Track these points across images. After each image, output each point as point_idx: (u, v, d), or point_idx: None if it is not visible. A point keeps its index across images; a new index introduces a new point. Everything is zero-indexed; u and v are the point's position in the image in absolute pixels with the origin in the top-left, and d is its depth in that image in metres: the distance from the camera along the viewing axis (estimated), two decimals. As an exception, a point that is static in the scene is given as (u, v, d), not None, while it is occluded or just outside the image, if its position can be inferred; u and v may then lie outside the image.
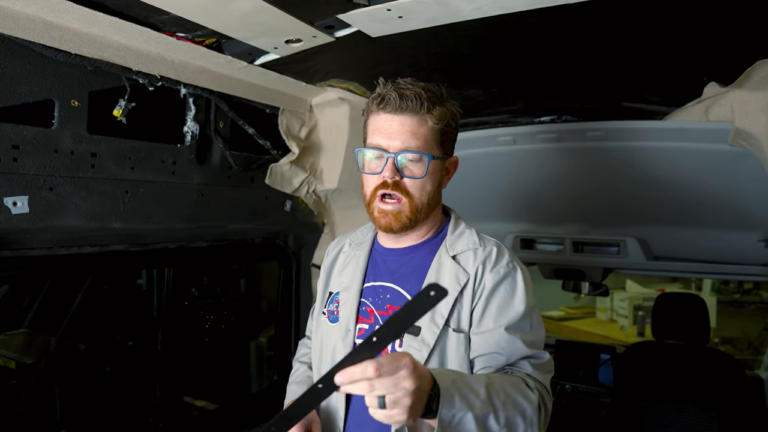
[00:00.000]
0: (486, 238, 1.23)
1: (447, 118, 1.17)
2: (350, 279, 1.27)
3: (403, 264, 1.23)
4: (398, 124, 1.13)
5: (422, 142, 1.13)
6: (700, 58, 1.47)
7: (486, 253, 1.18)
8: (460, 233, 1.23)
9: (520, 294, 1.14)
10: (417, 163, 1.14)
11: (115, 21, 1.27)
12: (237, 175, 1.80)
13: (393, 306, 1.20)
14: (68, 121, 1.31)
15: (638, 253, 2.21)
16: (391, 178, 1.13)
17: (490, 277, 1.14)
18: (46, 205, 1.29)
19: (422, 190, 1.15)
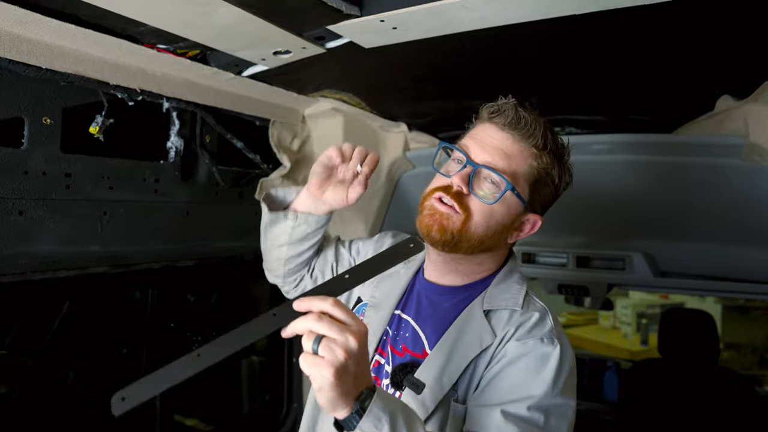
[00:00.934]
0: (533, 300, 1.04)
1: (552, 173, 1.02)
2: (384, 298, 1.14)
3: (434, 305, 1.09)
4: (498, 139, 1.00)
5: (510, 169, 0.98)
6: (713, 70, 1.39)
7: (523, 319, 0.98)
8: (506, 287, 1.05)
9: (547, 377, 0.89)
10: (492, 185, 0.99)
11: (89, 33, 1.18)
12: (224, 191, 1.72)
13: (407, 348, 1.07)
14: (39, 140, 1.23)
15: (644, 268, 2.12)
16: (458, 185, 0.98)
17: (515, 345, 0.94)
18: (16, 231, 1.21)
19: (483, 218, 0.98)
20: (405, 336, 1.09)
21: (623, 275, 2.17)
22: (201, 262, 1.75)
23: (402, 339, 1.09)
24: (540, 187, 1.03)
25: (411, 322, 1.10)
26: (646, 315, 5.18)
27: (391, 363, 1.08)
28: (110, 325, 1.70)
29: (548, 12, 1.14)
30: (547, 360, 0.92)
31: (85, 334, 1.65)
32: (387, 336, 1.11)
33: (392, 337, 1.11)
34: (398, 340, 1.09)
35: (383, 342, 1.11)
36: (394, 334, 1.11)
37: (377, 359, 1.11)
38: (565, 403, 0.90)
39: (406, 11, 1.17)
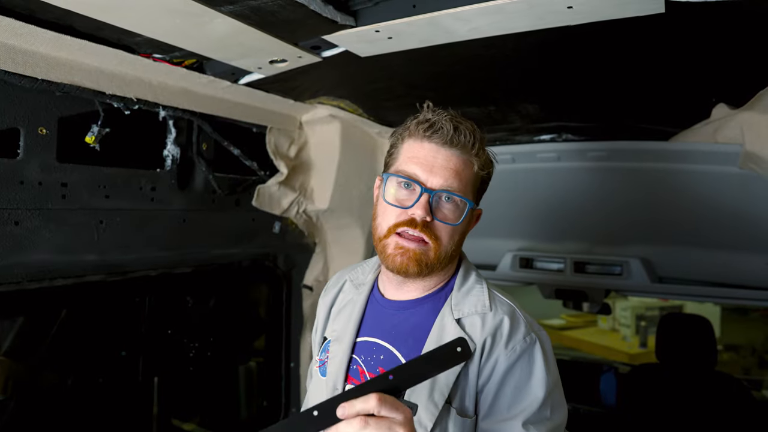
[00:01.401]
0: (498, 298, 1.05)
1: (488, 168, 1.04)
2: (343, 329, 1.12)
3: (400, 321, 1.07)
4: (444, 158, 0.97)
5: (464, 186, 0.98)
6: (709, 78, 1.39)
7: (496, 323, 0.99)
8: (468, 289, 1.05)
9: (539, 374, 0.96)
10: (455, 207, 0.98)
11: (85, 44, 1.19)
12: (221, 198, 1.72)
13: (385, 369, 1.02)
14: (35, 150, 1.23)
15: (642, 274, 2.12)
16: (422, 217, 0.95)
17: (504, 356, 0.95)
18: (12, 241, 1.21)
19: (451, 238, 0.99)
20: (380, 359, 1.06)
21: (621, 281, 2.17)
22: (198, 268, 1.75)
23: (377, 362, 1.06)
24: (482, 185, 1.06)
25: (382, 343, 1.07)
26: (645, 317, 5.16)
27: None
28: (107, 333, 1.70)
29: (539, 23, 1.14)
30: (534, 358, 0.97)
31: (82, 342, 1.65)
32: (357, 365, 1.08)
33: (365, 363, 1.07)
34: (373, 364, 1.06)
35: (354, 371, 1.08)
36: (367, 359, 1.07)
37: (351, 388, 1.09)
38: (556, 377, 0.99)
39: (400, 22, 1.17)
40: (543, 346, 0.99)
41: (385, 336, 1.07)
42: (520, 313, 1.02)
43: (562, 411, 0.98)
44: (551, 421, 0.95)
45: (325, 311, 1.22)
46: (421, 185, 0.96)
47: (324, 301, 1.24)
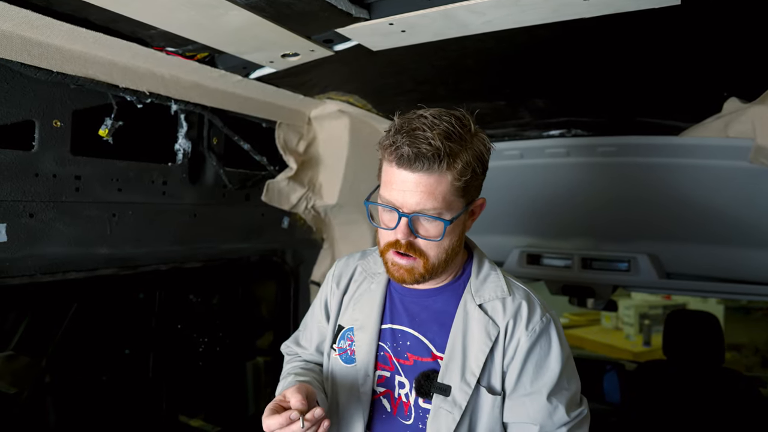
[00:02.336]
0: (514, 284, 1.13)
1: (473, 166, 1.00)
2: (366, 317, 1.16)
3: (424, 308, 1.13)
4: (413, 183, 0.97)
5: (440, 202, 0.98)
6: (720, 72, 1.39)
7: (516, 306, 1.07)
8: (485, 277, 1.12)
9: (555, 350, 1.06)
10: (433, 224, 1.01)
11: (100, 36, 1.19)
12: (231, 193, 1.72)
13: (414, 355, 1.10)
14: (50, 142, 1.23)
15: (650, 270, 2.12)
16: (404, 238, 1.00)
17: (526, 336, 1.04)
18: (26, 233, 1.21)
19: (439, 249, 1.03)
20: (407, 345, 1.12)
21: (628, 277, 2.17)
22: (207, 263, 1.75)
23: (404, 348, 1.12)
24: (470, 185, 1.02)
25: (407, 330, 1.13)
26: (649, 316, 5.16)
27: (402, 373, 1.11)
28: (118, 326, 1.70)
29: (553, 16, 1.14)
30: (550, 337, 1.07)
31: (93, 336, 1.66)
32: (384, 351, 1.13)
33: (392, 349, 1.13)
34: (400, 350, 1.12)
35: (382, 357, 1.13)
36: (394, 346, 1.13)
37: (382, 374, 1.13)
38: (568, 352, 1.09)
39: (414, 15, 1.17)
40: (556, 324, 1.09)
41: (409, 323, 1.12)
42: (534, 297, 1.11)
43: (575, 380, 1.09)
44: (569, 390, 1.06)
45: (338, 301, 1.23)
46: (398, 210, 0.99)
47: (335, 291, 1.25)
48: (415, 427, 1.08)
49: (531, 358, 1.05)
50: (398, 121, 1.03)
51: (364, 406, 1.11)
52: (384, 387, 1.12)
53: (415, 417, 1.08)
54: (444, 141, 0.95)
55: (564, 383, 1.06)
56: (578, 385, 1.10)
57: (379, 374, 1.13)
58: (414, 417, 1.08)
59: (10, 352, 1.75)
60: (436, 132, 0.95)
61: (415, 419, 1.08)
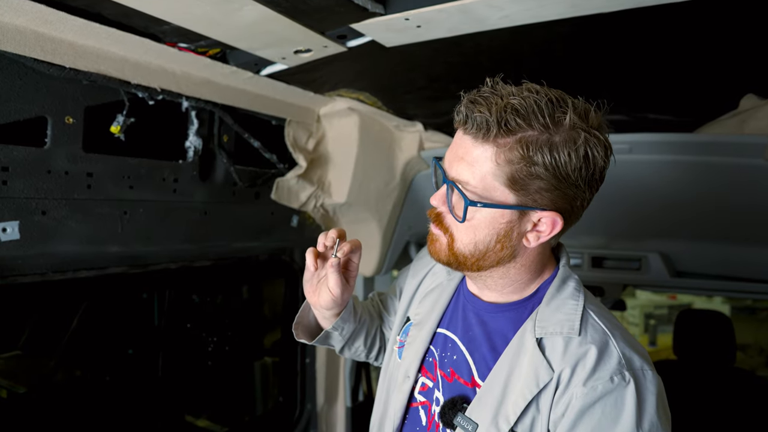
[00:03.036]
0: (592, 321, 0.88)
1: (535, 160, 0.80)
2: (426, 315, 1.07)
3: (480, 322, 0.99)
4: (462, 147, 0.86)
5: (477, 180, 0.83)
6: (737, 68, 1.37)
7: (581, 352, 0.84)
8: (559, 305, 0.91)
9: (626, 423, 0.79)
10: (460, 201, 0.86)
11: (113, 32, 1.18)
12: (242, 191, 1.71)
13: (456, 373, 0.98)
14: (62, 139, 1.22)
15: (661, 269, 2.11)
16: (437, 205, 0.91)
17: (582, 393, 0.82)
18: (39, 230, 1.20)
19: (468, 237, 0.88)
20: (453, 359, 1.00)
21: (639, 275, 2.15)
22: (218, 262, 1.74)
23: (450, 362, 1.00)
24: (525, 181, 0.83)
25: (458, 342, 1.01)
26: (654, 316, 5.15)
27: (441, 389, 1.00)
28: (128, 325, 1.69)
29: (572, 10, 1.13)
30: (623, 402, 0.81)
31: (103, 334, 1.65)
32: (433, 357, 1.03)
33: (439, 358, 1.02)
34: (446, 362, 1.01)
35: (429, 363, 1.03)
36: (441, 355, 1.02)
37: (425, 383, 1.03)
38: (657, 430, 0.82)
39: (431, 9, 1.15)
40: (639, 389, 0.81)
41: (462, 335, 1.01)
42: (615, 345, 0.85)
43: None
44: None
45: (412, 291, 1.17)
46: (444, 173, 0.89)
47: (411, 280, 1.20)
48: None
49: (584, 423, 0.81)
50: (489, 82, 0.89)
51: (397, 407, 1.04)
52: (425, 397, 1.03)
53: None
54: (507, 113, 0.79)
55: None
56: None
57: (422, 381, 1.04)
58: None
59: (18, 352, 1.74)
60: (508, 100, 0.81)
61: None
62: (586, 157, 0.82)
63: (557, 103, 0.82)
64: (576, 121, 0.82)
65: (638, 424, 0.79)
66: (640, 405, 0.80)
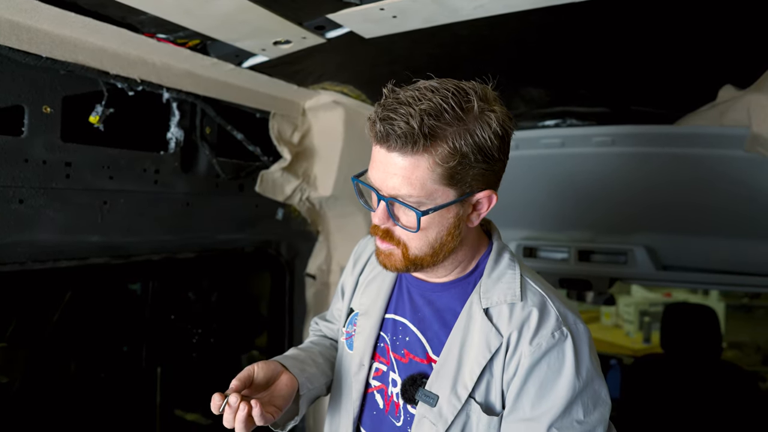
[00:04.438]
0: (530, 286, 0.97)
1: (463, 151, 0.84)
2: (371, 303, 1.09)
3: (427, 302, 1.03)
4: (391, 164, 0.86)
5: (417, 189, 0.86)
6: (715, 59, 1.38)
7: (525, 315, 0.92)
8: (499, 276, 0.98)
9: (567, 373, 0.88)
10: (408, 213, 0.89)
11: (89, 21, 1.19)
12: (225, 183, 1.72)
13: (410, 353, 1.01)
14: (39, 128, 1.23)
15: (647, 262, 2.11)
16: (382, 224, 0.92)
17: (529, 351, 0.89)
18: (16, 219, 1.21)
19: (421, 241, 0.92)
20: (405, 340, 1.03)
21: (625, 269, 2.16)
22: (201, 254, 1.75)
23: (402, 344, 1.03)
24: (460, 173, 0.87)
25: (408, 324, 1.04)
26: (649, 313, 5.14)
27: (396, 370, 1.04)
28: (110, 317, 1.70)
29: (544, 0, 1.13)
30: (564, 355, 0.90)
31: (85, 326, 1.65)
32: (384, 343, 1.06)
33: (391, 342, 1.05)
34: (398, 345, 1.04)
35: (381, 349, 1.06)
36: (393, 339, 1.05)
37: (379, 368, 1.06)
38: (592, 374, 0.91)
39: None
40: (576, 342, 0.91)
41: (411, 316, 1.04)
42: (552, 305, 0.94)
43: (597, 412, 0.90)
44: (582, 424, 0.88)
45: (353, 282, 1.18)
46: (377, 192, 0.90)
47: (352, 271, 1.21)
48: (403, 429, 1.00)
49: (533, 378, 0.89)
50: (386, 92, 0.90)
51: (354, 397, 1.06)
52: (380, 381, 1.06)
53: (403, 420, 1.01)
54: (426, 119, 0.82)
55: (576, 414, 0.88)
56: (600, 418, 0.90)
57: (376, 366, 1.07)
58: (403, 420, 1.01)
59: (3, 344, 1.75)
60: (420, 107, 0.83)
61: (404, 423, 1.01)
62: (501, 133, 0.88)
63: (459, 94, 0.86)
64: (482, 105, 0.87)
65: (578, 371, 0.89)
66: (577, 355, 0.90)
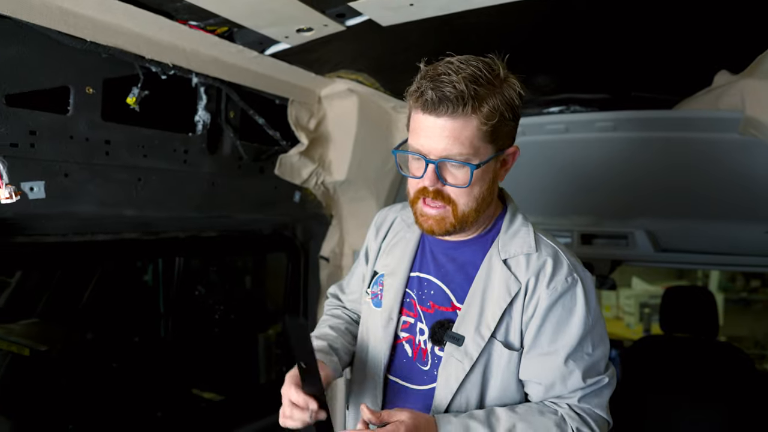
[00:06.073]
0: (543, 240, 1.10)
1: (501, 110, 0.98)
2: (396, 264, 1.20)
3: (450, 259, 1.15)
4: (439, 127, 0.97)
5: (467, 147, 0.98)
6: (710, 46, 1.47)
7: (540, 263, 1.05)
8: (515, 232, 1.11)
9: (579, 312, 1.03)
10: (460, 170, 1.01)
11: (129, 8, 1.28)
12: (247, 165, 1.81)
13: (435, 304, 1.13)
14: (83, 108, 1.32)
15: (646, 244, 2.21)
16: (432, 186, 1.02)
17: (546, 294, 1.03)
18: (62, 191, 1.30)
19: (469, 197, 1.03)
20: (430, 294, 1.15)
21: (626, 251, 2.25)
22: (223, 233, 1.84)
23: (428, 297, 1.15)
24: (500, 130, 1.01)
25: (433, 280, 1.16)
26: (649, 305, 5.24)
27: (423, 320, 1.14)
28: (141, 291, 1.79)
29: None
30: (576, 297, 1.04)
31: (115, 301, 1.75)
32: (410, 298, 1.17)
33: (417, 297, 1.16)
34: (424, 298, 1.15)
35: (408, 304, 1.17)
36: (419, 294, 1.16)
37: (407, 320, 1.17)
38: (597, 315, 1.06)
39: (423, -13, 1.26)
40: (584, 286, 1.05)
41: (435, 273, 1.15)
42: (564, 255, 1.08)
43: (602, 347, 1.06)
44: (591, 356, 1.04)
45: (377, 247, 1.29)
46: (425, 157, 1.00)
47: (375, 237, 1.31)
48: (431, 373, 1.12)
49: (550, 318, 1.03)
50: (424, 68, 1.02)
51: (385, 348, 1.16)
52: (407, 333, 1.16)
53: (431, 364, 1.12)
54: (469, 84, 0.94)
55: (586, 348, 1.03)
56: (604, 352, 1.06)
57: (403, 320, 1.17)
58: (430, 364, 1.12)
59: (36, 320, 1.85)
60: (461, 75, 0.95)
61: (431, 366, 1.12)
62: (520, 93, 1.04)
63: (486, 63, 1.01)
64: (505, 72, 1.03)
65: (588, 311, 1.04)
66: (587, 297, 1.05)
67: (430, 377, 1.11)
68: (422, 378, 1.13)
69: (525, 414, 1.02)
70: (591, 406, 1.04)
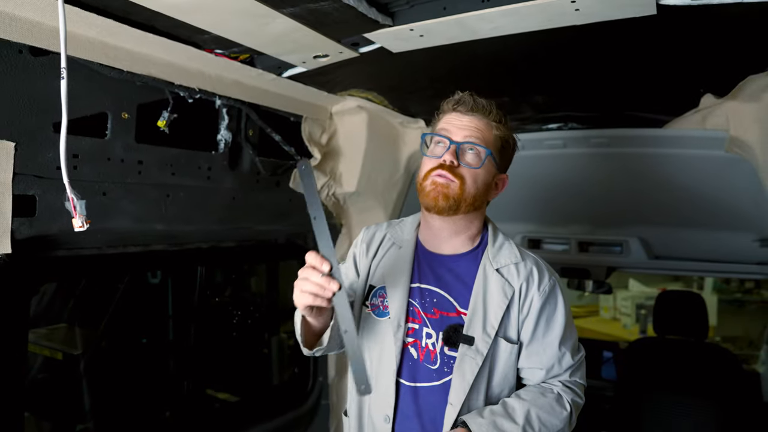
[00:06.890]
0: (524, 252, 1.34)
1: (507, 137, 1.30)
2: (397, 278, 1.33)
3: (447, 270, 1.31)
4: (467, 121, 1.26)
5: (485, 141, 1.25)
6: (697, 71, 1.59)
7: (528, 271, 1.29)
8: (500, 245, 1.33)
9: (561, 306, 1.29)
10: (475, 154, 1.24)
11: (163, 41, 1.39)
12: (265, 179, 1.93)
13: (440, 310, 1.28)
14: (119, 132, 1.44)
15: (640, 252, 2.33)
16: (449, 161, 1.22)
17: (538, 296, 1.27)
18: (100, 209, 1.42)
19: (474, 180, 1.24)
20: (434, 301, 1.30)
21: (621, 258, 2.37)
22: (241, 243, 1.96)
23: (431, 305, 1.30)
24: (503, 151, 1.30)
25: (434, 289, 1.31)
26: (645, 306, 5.36)
27: (430, 325, 1.29)
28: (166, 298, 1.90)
29: (549, 23, 1.34)
30: (557, 295, 1.30)
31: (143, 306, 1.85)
32: (414, 306, 1.31)
33: (420, 305, 1.30)
34: (427, 306, 1.30)
35: (412, 312, 1.30)
36: (422, 302, 1.30)
37: (412, 326, 1.30)
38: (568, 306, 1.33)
39: (433, 22, 1.37)
40: (560, 284, 1.33)
41: (435, 283, 1.32)
42: (542, 263, 1.34)
43: (575, 329, 1.35)
44: (571, 338, 1.32)
45: (368, 263, 1.41)
46: (449, 139, 1.24)
47: (366, 254, 1.42)
48: (440, 370, 1.26)
49: (543, 315, 1.27)
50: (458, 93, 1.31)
51: (397, 352, 1.28)
52: (413, 337, 1.29)
53: (440, 363, 1.26)
54: (496, 109, 1.29)
55: (568, 333, 1.30)
56: (576, 338, 1.34)
57: (408, 326, 1.30)
58: (440, 363, 1.27)
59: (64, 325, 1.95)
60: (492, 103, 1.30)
61: (441, 364, 1.26)
62: (516, 141, 1.35)
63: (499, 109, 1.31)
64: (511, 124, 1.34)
65: (565, 304, 1.31)
66: (562, 293, 1.31)
67: (440, 374, 1.26)
68: (431, 376, 1.27)
69: (532, 399, 1.24)
70: (577, 377, 1.31)
